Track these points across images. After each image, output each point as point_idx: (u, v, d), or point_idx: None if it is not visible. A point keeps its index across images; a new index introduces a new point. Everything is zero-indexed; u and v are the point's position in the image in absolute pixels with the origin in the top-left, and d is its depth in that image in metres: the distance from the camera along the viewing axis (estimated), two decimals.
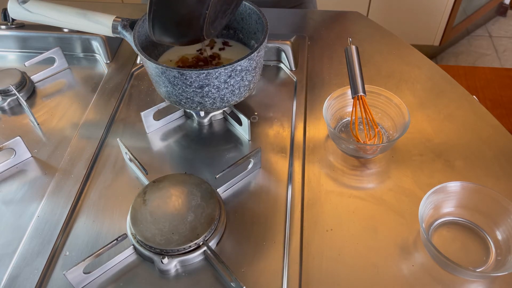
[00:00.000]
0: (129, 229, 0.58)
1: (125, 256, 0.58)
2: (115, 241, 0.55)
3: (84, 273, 0.54)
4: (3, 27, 0.87)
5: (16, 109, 0.78)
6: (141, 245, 0.57)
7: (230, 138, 0.72)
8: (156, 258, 0.56)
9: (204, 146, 0.71)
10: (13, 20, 0.87)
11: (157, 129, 0.74)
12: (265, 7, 0.80)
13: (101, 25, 0.69)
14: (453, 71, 1.63)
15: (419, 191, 0.64)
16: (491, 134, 0.71)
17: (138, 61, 0.85)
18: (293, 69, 0.83)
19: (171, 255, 0.56)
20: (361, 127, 0.72)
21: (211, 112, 0.74)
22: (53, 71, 0.84)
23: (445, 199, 0.60)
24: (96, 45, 0.86)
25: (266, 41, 0.66)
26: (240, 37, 0.77)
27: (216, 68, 0.60)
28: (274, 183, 0.66)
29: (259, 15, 0.70)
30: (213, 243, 0.58)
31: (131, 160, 0.67)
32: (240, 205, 0.63)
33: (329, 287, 0.55)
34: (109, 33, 0.70)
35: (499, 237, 0.58)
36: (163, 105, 0.72)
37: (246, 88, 0.68)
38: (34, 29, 0.87)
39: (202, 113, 0.73)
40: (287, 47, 0.82)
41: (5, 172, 0.69)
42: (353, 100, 0.69)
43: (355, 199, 0.63)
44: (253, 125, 0.73)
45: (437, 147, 0.69)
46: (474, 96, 0.78)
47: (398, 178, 0.66)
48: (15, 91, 0.77)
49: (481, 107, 0.75)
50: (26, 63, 0.79)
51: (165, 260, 0.55)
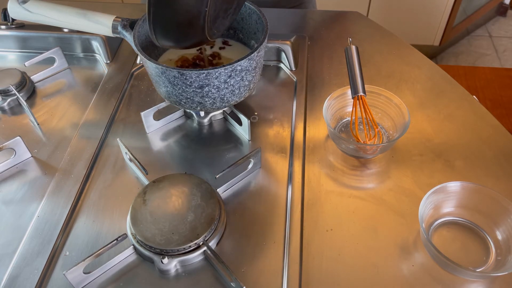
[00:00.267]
0: (129, 229, 0.58)
1: (125, 256, 0.58)
2: (115, 241, 0.55)
3: (84, 273, 0.54)
4: (3, 27, 0.87)
5: (16, 109, 0.78)
6: (141, 245, 0.57)
7: (230, 138, 0.72)
8: (156, 258, 0.56)
9: (204, 146, 0.71)
10: (13, 20, 0.87)
11: (157, 129, 0.74)
12: (265, 7, 0.80)
13: (101, 25, 0.69)
14: (453, 71, 1.63)
15: (419, 191, 0.64)
16: (491, 134, 0.71)
17: (138, 61, 0.85)
18: (293, 69, 0.83)
19: (171, 255, 0.56)
20: (361, 127, 0.72)
21: (211, 112, 0.74)
22: (53, 71, 0.84)
23: (445, 199, 0.60)
24: (96, 45, 0.86)
25: (266, 41, 0.66)
26: (240, 37, 0.77)
27: (216, 68, 0.60)
28: (274, 183, 0.66)
29: (259, 15, 0.70)
30: (213, 243, 0.58)
31: (131, 160, 0.67)
32: (240, 205, 0.63)
33: (329, 287, 0.55)
34: (109, 33, 0.70)
35: (499, 237, 0.58)
36: (163, 105, 0.72)
37: (246, 88, 0.68)
38: (34, 29, 0.87)
39: (202, 113, 0.73)
40: (287, 47, 0.82)
41: (5, 172, 0.69)
42: (353, 100, 0.69)
43: (355, 199, 0.63)
44: (253, 125, 0.73)
45: (437, 147, 0.69)
46: (474, 96, 0.77)
47: (398, 178, 0.66)
48: (15, 91, 0.77)
49: (481, 107, 0.75)
50: (26, 63, 0.79)
51: (165, 260, 0.55)
